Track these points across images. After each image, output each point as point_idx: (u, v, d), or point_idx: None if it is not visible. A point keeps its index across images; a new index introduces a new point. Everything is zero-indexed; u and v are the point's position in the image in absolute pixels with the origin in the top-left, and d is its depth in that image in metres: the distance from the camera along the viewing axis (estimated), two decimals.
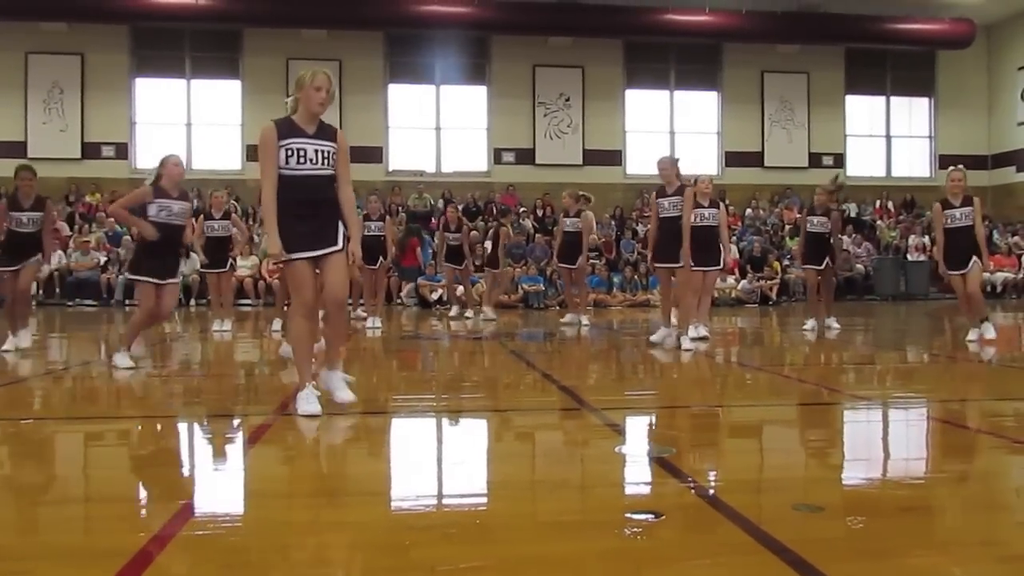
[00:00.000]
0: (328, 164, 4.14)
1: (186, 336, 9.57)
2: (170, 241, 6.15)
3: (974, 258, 7.51)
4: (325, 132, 4.21)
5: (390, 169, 19.92)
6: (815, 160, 21.10)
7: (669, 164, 7.65)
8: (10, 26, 18.15)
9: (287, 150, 4.06)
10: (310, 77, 4.16)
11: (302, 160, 4.07)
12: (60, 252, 16.44)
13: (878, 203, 20.89)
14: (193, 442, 3.82)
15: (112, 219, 17.62)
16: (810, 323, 9.37)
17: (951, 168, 7.77)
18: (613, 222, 19.12)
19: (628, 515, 2.42)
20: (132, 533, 2.30)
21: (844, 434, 4.05)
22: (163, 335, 9.65)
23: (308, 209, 4.06)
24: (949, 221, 7.62)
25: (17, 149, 18.60)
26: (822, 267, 9.49)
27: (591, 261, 17.30)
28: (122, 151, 19.10)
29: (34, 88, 18.66)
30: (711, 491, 2.70)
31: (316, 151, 4.11)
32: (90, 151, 18.89)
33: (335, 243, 4.09)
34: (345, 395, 4.13)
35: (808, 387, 5.45)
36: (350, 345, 8.27)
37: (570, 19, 19.10)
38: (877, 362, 7.01)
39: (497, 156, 20.13)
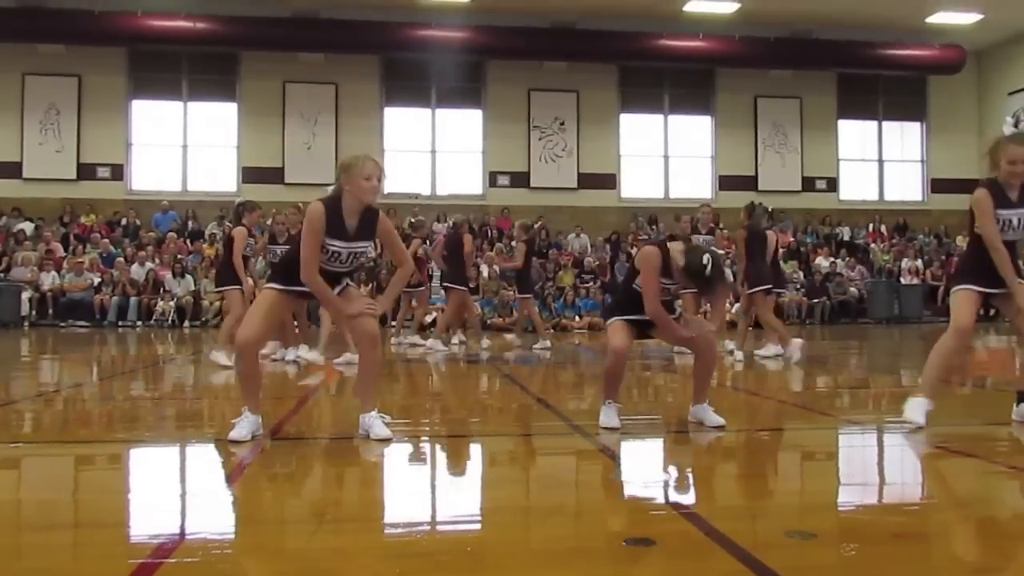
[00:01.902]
0: (357, 260, 4.11)
1: (178, 359, 9.53)
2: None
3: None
4: (365, 227, 4.05)
5: (386, 192, 19.89)
6: (808, 184, 21.26)
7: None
8: (8, 48, 18.24)
9: (324, 249, 3.98)
10: (360, 166, 4.00)
11: (334, 260, 4.03)
12: (54, 272, 16.42)
13: (871, 227, 21.01)
14: (184, 466, 3.79)
15: (107, 240, 17.64)
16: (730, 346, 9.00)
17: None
18: (607, 245, 19.18)
19: (622, 543, 2.40)
20: (120, 559, 2.28)
21: (838, 459, 4.04)
22: (156, 357, 9.62)
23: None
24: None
25: (13, 169, 18.65)
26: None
27: (584, 284, 17.39)
28: (118, 172, 19.13)
29: (31, 109, 18.72)
30: (704, 517, 2.69)
31: (350, 254, 4.05)
32: (86, 172, 18.92)
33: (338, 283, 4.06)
34: (381, 432, 4.00)
35: (801, 411, 5.45)
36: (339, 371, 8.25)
37: (565, 44, 19.28)
38: (871, 386, 7.01)
39: (492, 179, 20.22)
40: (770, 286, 8.66)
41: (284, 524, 2.76)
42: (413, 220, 12.23)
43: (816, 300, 17.87)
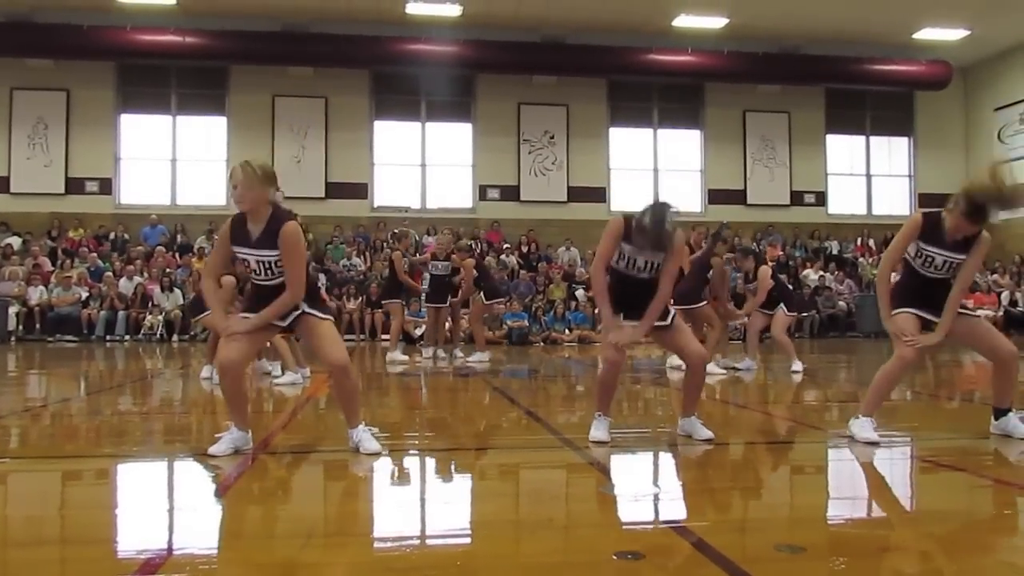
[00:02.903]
0: (275, 273, 3.91)
1: (166, 373, 9.47)
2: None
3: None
4: (269, 236, 3.87)
5: (375, 205, 19.99)
6: (797, 198, 21.40)
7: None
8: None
9: (236, 259, 4.04)
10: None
11: (249, 270, 4.00)
12: (42, 287, 16.33)
13: (859, 240, 21.14)
14: (172, 481, 3.76)
15: (95, 254, 17.56)
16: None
17: None
18: None
19: (612, 556, 2.40)
20: (107, 575, 2.26)
21: (827, 473, 4.05)
22: (144, 371, 9.56)
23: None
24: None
25: (0, 184, 18.56)
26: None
27: (575, 298, 17.41)
28: (106, 187, 19.07)
29: (19, 123, 18.66)
30: (694, 531, 2.69)
31: (258, 262, 3.93)
32: (74, 186, 18.85)
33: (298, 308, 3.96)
34: (370, 446, 4.00)
35: (791, 425, 5.46)
36: (332, 382, 8.22)
37: (554, 58, 19.39)
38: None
39: (482, 192, 20.26)
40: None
41: (272, 539, 2.75)
42: (396, 232, 12.16)
43: (805, 314, 17.91)
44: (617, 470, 3.85)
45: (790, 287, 10.10)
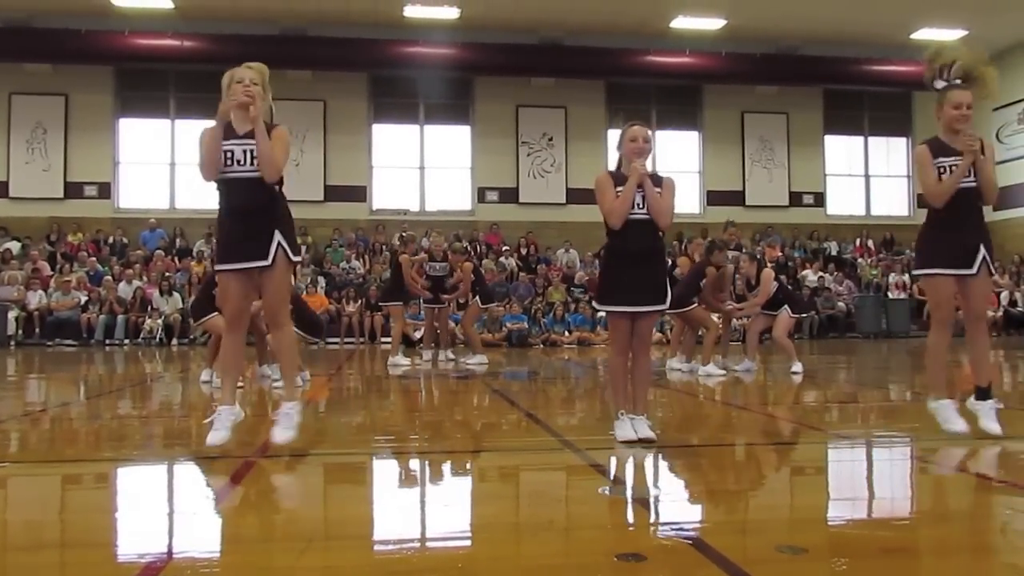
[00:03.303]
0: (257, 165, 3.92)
1: (165, 377, 9.46)
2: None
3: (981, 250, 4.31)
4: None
5: (374, 208, 19.99)
6: (796, 199, 21.42)
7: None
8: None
9: (224, 157, 3.99)
10: (230, 75, 4.11)
11: (232, 162, 3.96)
12: (41, 291, 16.33)
13: (858, 241, 21.16)
14: (172, 485, 3.76)
15: (94, 258, 17.55)
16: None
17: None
18: (597, 261, 19.21)
19: (614, 558, 2.40)
20: None
21: (828, 473, 4.04)
22: (143, 375, 9.56)
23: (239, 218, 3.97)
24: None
25: None
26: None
27: (574, 300, 17.41)
28: (105, 191, 19.08)
29: (17, 128, 18.67)
30: (695, 532, 2.69)
31: (245, 151, 3.96)
32: (73, 191, 18.86)
33: (265, 257, 3.93)
34: (281, 435, 3.95)
35: (790, 426, 5.46)
36: (332, 385, 8.22)
37: (553, 60, 19.41)
38: (860, 400, 7.03)
39: (481, 195, 20.27)
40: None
41: (272, 543, 2.74)
42: (403, 235, 12.09)
43: (804, 315, 17.89)
44: (617, 472, 3.85)
45: (792, 289, 10.16)
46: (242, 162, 3.96)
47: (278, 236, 3.96)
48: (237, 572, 2.40)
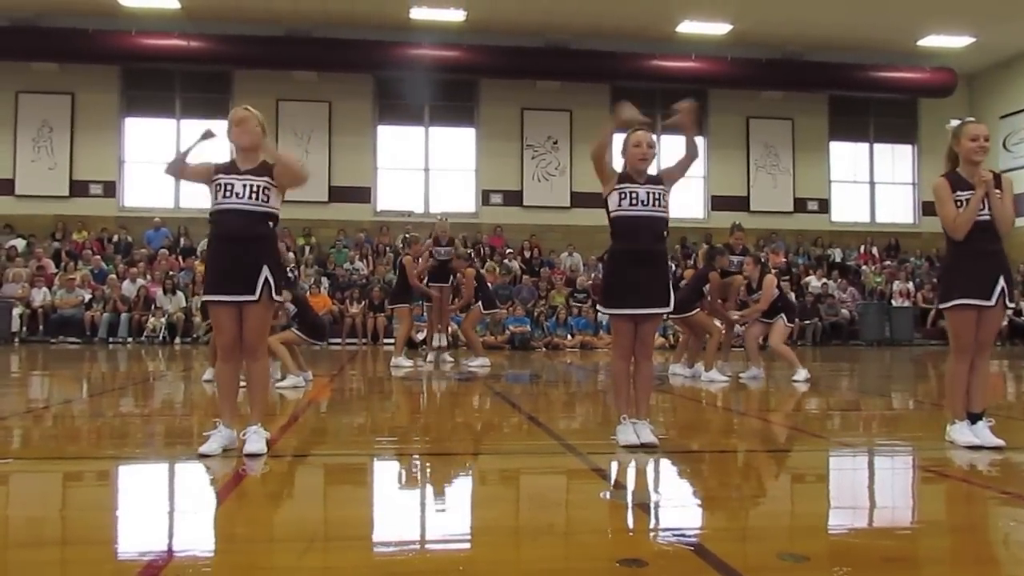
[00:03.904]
0: (258, 199, 4.05)
1: (168, 376, 9.47)
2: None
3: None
4: (261, 168, 4.15)
5: (378, 209, 20.01)
6: (800, 205, 21.39)
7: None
8: (1, 66, 18.27)
9: (217, 186, 4.11)
10: (230, 116, 4.26)
11: (229, 194, 4.07)
12: (45, 289, 16.36)
13: (862, 248, 21.12)
14: (173, 483, 3.76)
15: (98, 256, 17.59)
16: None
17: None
18: (600, 264, 19.21)
19: (615, 563, 2.39)
20: None
21: (829, 481, 4.03)
22: (146, 374, 9.56)
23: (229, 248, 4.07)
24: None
25: (5, 187, 18.63)
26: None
27: (576, 303, 17.41)
28: (110, 189, 19.11)
29: (24, 127, 18.72)
30: (696, 539, 2.68)
31: (245, 186, 4.06)
32: (78, 189, 18.90)
33: (252, 292, 4.02)
34: (253, 447, 3.98)
35: (792, 433, 5.45)
36: (334, 385, 8.22)
37: (558, 63, 19.41)
38: (862, 408, 7.02)
39: (485, 197, 20.27)
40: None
41: (274, 543, 2.74)
42: (407, 236, 12.03)
43: (807, 321, 17.90)
44: (619, 477, 3.84)
45: (792, 297, 10.15)
46: (241, 195, 4.08)
47: (266, 271, 4.06)
48: (238, 571, 2.40)
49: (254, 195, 4.06)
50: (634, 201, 4.27)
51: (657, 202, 4.29)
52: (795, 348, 15.96)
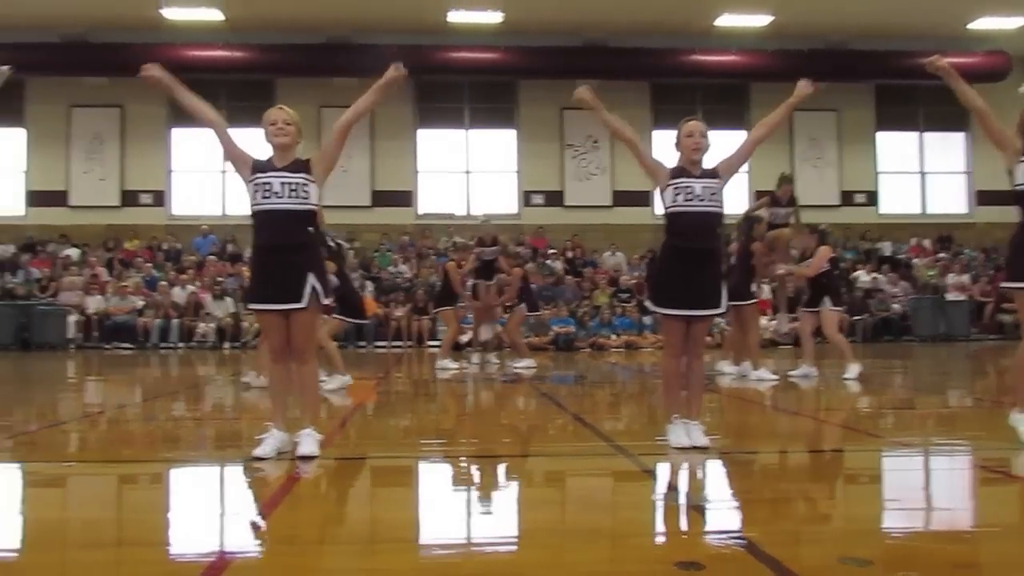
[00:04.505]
0: (297, 197, 4.06)
1: (218, 380, 9.62)
2: None
3: None
4: (297, 165, 4.18)
5: (420, 212, 20.11)
6: (847, 198, 20.94)
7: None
8: (55, 81, 18.77)
9: (254, 185, 4.11)
10: (266, 116, 4.31)
11: (268, 193, 4.07)
12: (99, 296, 16.77)
13: (913, 241, 20.61)
14: (225, 486, 3.80)
15: (149, 264, 17.96)
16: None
17: None
18: (643, 263, 19.06)
19: (673, 565, 2.35)
20: None
21: (889, 482, 3.92)
22: (196, 378, 9.73)
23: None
24: None
25: (60, 198, 19.15)
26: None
27: (620, 303, 17.29)
28: (159, 199, 19.53)
29: (77, 139, 19.21)
30: (753, 541, 2.61)
31: (283, 184, 4.08)
32: (129, 199, 19.35)
33: (299, 299, 4.01)
34: (306, 449, 3.98)
35: (846, 432, 5.32)
36: (380, 388, 8.26)
37: (597, 62, 19.30)
38: (917, 406, 6.83)
39: (526, 198, 20.24)
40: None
41: (327, 545, 2.75)
42: (455, 242, 12.04)
43: (857, 317, 17.52)
44: (671, 478, 3.79)
45: (839, 280, 9.66)
46: (280, 194, 4.08)
47: (312, 279, 4.07)
48: (296, 573, 2.41)
49: (293, 193, 4.07)
50: (689, 196, 4.17)
51: (713, 196, 4.20)
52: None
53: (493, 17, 17.94)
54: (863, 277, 18.64)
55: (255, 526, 2.95)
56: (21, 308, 16.27)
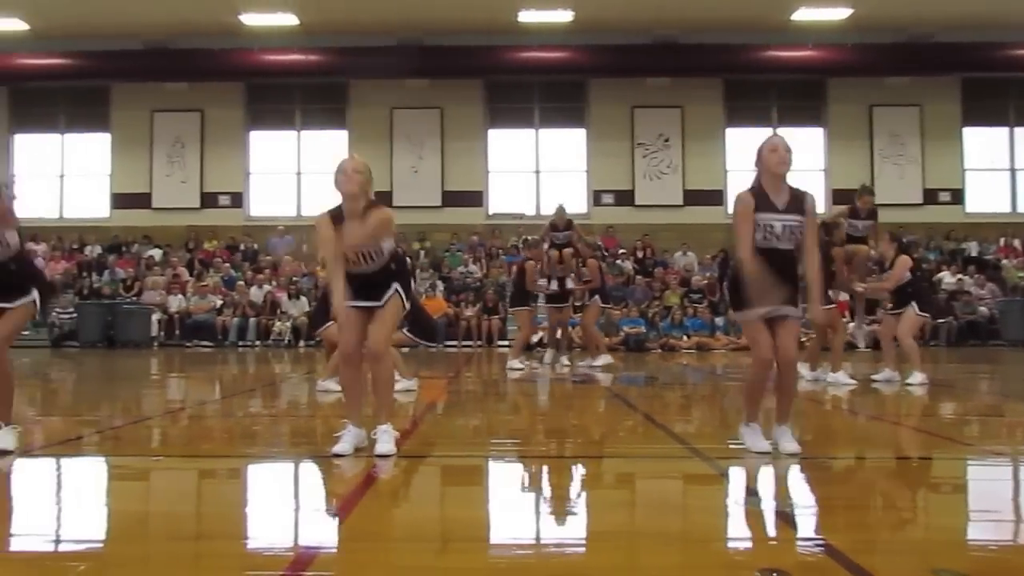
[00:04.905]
0: (372, 260, 4.16)
1: (293, 378, 9.82)
2: None
3: None
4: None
5: (490, 212, 20.18)
6: (930, 196, 20.14)
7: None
8: (138, 87, 19.52)
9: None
10: (336, 169, 4.33)
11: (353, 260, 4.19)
12: (180, 296, 17.35)
13: (1002, 241, 19.69)
14: (307, 482, 3.85)
15: (228, 264, 18.51)
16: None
17: None
18: (715, 263, 18.72)
19: (756, 572, 2.27)
20: (239, 572, 2.31)
21: (978, 492, 3.73)
22: (273, 376, 9.96)
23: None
24: None
25: (143, 200, 19.89)
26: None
27: (692, 304, 17.00)
28: (237, 200, 20.09)
29: (159, 143, 19.92)
30: (841, 550, 2.51)
31: (357, 253, 4.16)
32: (208, 201, 19.96)
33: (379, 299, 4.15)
34: (382, 448, 4.02)
35: (931, 439, 5.09)
36: (450, 387, 8.30)
37: (668, 59, 19.02)
38: (1006, 413, 6.50)
39: (596, 198, 20.10)
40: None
41: (395, 541, 2.75)
42: (528, 239, 12.01)
43: (941, 320, 16.80)
44: (749, 482, 3.68)
45: (927, 286, 9.24)
46: (357, 263, 4.20)
47: (395, 286, 4.22)
48: (379, 571, 2.41)
49: (365, 258, 4.16)
50: (769, 235, 4.01)
51: (792, 237, 4.02)
52: (926, 348, 15.08)
53: (563, 16, 17.87)
54: (948, 279, 17.90)
55: (334, 522, 2.97)
56: (107, 307, 16.95)
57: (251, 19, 17.85)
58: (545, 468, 4.07)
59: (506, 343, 14.22)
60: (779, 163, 4.09)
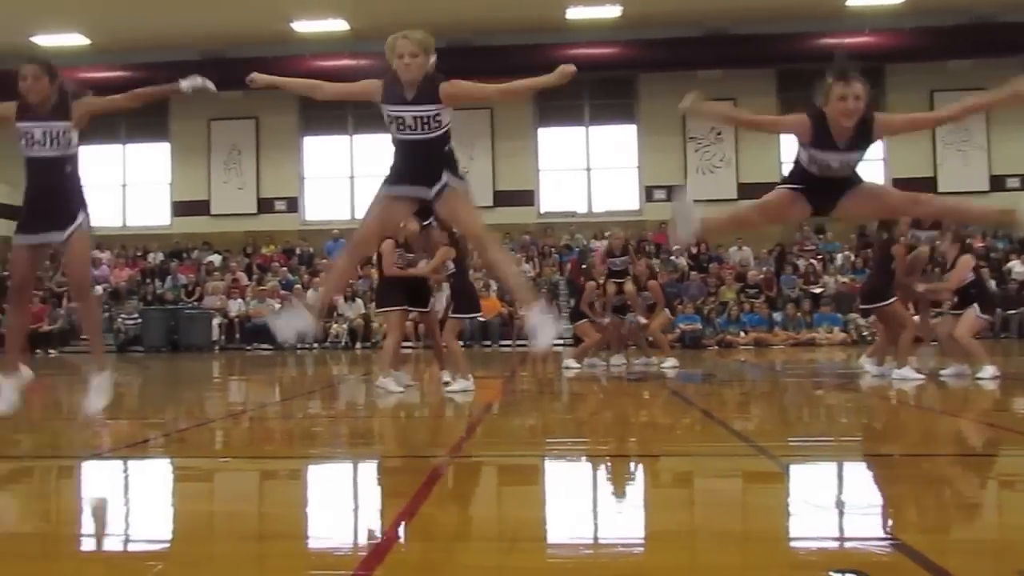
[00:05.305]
0: (430, 128, 4.14)
1: (351, 379, 9.93)
2: None
3: None
4: (426, 92, 4.21)
5: (542, 211, 20.16)
6: (997, 183, 19.48)
7: None
8: (195, 96, 19.96)
9: (387, 118, 4.26)
10: (390, 47, 4.36)
11: (401, 127, 4.24)
12: (240, 300, 17.72)
13: None
14: (360, 482, 3.87)
15: (285, 268, 18.82)
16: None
17: None
18: (771, 258, 18.39)
19: (830, 573, 2.19)
20: (305, 571, 2.31)
21: None
22: (331, 377, 10.09)
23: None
24: None
25: (202, 207, 20.40)
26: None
27: (748, 299, 16.71)
28: (292, 205, 20.46)
29: (216, 151, 20.41)
30: (918, 550, 2.41)
31: (415, 118, 4.19)
32: (265, 206, 20.38)
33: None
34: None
35: (1008, 435, 4.89)
36: (507, 387, 8.29)
37: (719, 51, 18.76)
38: None
39: (648, 194, 19.94)
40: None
41: (473, 541, 2.74)
42: (584, 266, 11.77)
43: (1012, 311, 16.21)
44: (820, 481, 3.57)
45: (990, 286, 8.89)
46: (413, 128, 4.20)
47: (446, 174, 4.22)
48: (453, 571, 2.40)
49: (425, 126, 4.19)
50: (824, 167, 3.93)
51: (849, 167, 3.95)
52: (997, 341, 14.54)
53: (612, 11, 17.77)
54: (1018, 268, 17.27)
55: (400, 522, 2.97)
56: (170, 312, 17.41)
57: (302, 26, 18.15)
58: (604, 467, 4.02)
59: (559, 343, 14.11)
60: (843, 114, 3.97)
